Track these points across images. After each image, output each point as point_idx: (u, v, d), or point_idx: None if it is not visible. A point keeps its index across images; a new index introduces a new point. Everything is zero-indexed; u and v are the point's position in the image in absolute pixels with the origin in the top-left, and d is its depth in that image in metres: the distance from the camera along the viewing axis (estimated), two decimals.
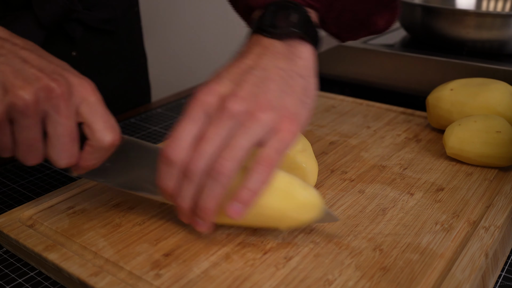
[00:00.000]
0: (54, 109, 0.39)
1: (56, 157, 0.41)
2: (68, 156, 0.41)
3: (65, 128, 0.40)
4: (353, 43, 0.82)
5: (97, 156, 0.42)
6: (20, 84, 0.38)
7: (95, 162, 0.43)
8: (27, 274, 0.45)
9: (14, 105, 0.38)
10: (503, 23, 0.72)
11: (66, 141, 0.40)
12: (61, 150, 0.40)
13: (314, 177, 0.50)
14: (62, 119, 0.39)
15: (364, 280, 0.39)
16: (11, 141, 0.40)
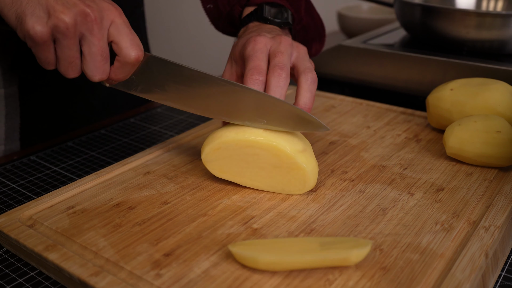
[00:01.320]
0: (89, 31, 0.46)
1: (91, 73, 0.48)
2: (101, 72, 0.48)
3: (98, 48, 0.47)
4: (354, 43, 0.82)
5: (125, 70, 0.50)
6: (61, 9, 0.44)
7: (123, 75, 0.50)
8: (27, 274, 0.45)
9: (56, 27, 0.44)
10: (503, 23, 0.72)
11: (99, 59, 0.47)
12: (95, 67, 0.47)
13: (315, 177, 0.50)
14: (95, 40, 0.46)
15: (365, 280, 0.39)
16: (54, 57, 0.47)
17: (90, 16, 0.45)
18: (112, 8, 0.47)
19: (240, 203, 0.49)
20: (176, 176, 0.54)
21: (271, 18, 0.61)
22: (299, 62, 0.54)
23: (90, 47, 0.47)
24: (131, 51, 0.48)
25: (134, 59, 0.49)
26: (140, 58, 0.49)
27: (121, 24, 0.48)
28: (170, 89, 0.52)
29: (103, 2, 0.47)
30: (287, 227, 0.45)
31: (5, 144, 0.69)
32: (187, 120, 0.77)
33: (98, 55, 0.47)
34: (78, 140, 0.71)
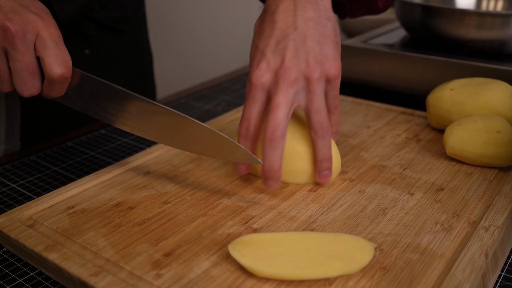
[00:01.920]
0: (11, 47, 0.43)
1: (19, 88, 0.46)
2: (29, 87, 0.46)
3: (22, 64, 0.44)
4: (354, 43, 0.82)
5: (54, 87, 0.47)
6: None
7: (55, 92, 0.48)
8: (27, 274, 0.45)
9: None
10: (503, 23, 0.71)
11: (25, 74, 0.45)
12: (22, 83, 0.45)
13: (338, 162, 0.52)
14: (19, 55, 0.44)
15: (365, 280, 0.39)
16: None
17: (10, 30, 0.43)
18: (38, 19, 0.44)
19: (240, 203, 0.49)
20: (176, 176, 0.54)
21: None
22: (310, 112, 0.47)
23: (15, 62, 0.44)
24: (54, 68, 0.45)
25: (58, 76, 0.46)
26: (65, 75, 0.46)
27: (47, 37, 0.45)
28: (105, 107, 0.50)
29: (29, 14, 0.44)
30: (287, 227, 0.45)
31: (6, 144, 0.69)
32: None
33: (24, 71, 0.45)
34: (78, 140, 0.71)
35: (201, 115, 0.78)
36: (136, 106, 0.49)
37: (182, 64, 1.97)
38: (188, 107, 0.82)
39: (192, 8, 1.85)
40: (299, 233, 0.42)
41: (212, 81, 0.96)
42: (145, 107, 0.48)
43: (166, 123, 0.48)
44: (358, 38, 0.87)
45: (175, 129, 0.47)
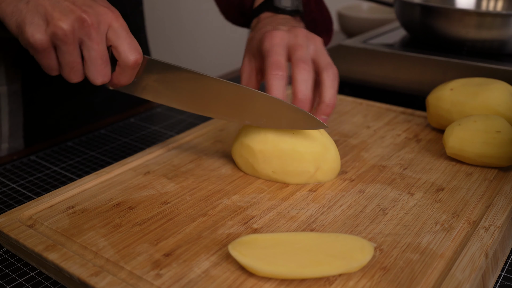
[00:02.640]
0: (87, 37, 0.46)
1: (92, 76, 0.48)
2: (102, 75, 0.49)
3: (97, 52, 0.47)
4: (353, 43, 0.82)
5: (126, 74, 0.50)
6: (58, 16, 0.45)
7: (126, 79, 0.50)
8: (27, 274, 0.45)
9: (55, 34, 0.45)
10: (503, 22, 0.71)
11: (99, 63, 0.48)
12: (96, 71, 0.48)
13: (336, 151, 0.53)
14: (94, 44, 0.47)
15: (365, 280, 0.39)
16: (56, 63, 0.48)
17: (87, 21, 0.46)
18: (109, 12, 0.48)
19: (240, 203, 0.49)
20: (176, 176, 0.54)
21: (282, 7, 0.63)
22: (319, 57, 0.55)
23: (90, 51, 0.47)
24: (129, 55, 0.48)
25: (133, 62, 0.49)
26: (139, 61, 0.49)
27: (119, 28, 0.48)
28: (171, 91, 0.53)
29: (100, 7, 0.47)
30: (287, 227, 0.45)
31: (9, 142, 0.69)
32: (187, 120, 0.77)
33: (98, 59, 0.48)
34: (78, 140, 0.71)
35: (200, 115, 0.78)
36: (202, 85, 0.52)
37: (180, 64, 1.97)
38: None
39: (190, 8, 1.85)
40: (299, 233, 0.42)
41: None
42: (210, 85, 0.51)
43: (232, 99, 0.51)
44: (358, 38, 0.87)
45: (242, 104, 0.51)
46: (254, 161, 0.52)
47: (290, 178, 0.52)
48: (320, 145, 0.51)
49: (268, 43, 0.54)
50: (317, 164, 0.51)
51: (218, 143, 0.62)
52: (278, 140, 0.51)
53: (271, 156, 0.51)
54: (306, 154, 0.51)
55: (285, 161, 0.51)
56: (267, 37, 0.54)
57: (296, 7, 0.64)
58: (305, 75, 0.52)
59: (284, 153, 0.51)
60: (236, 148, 0.54)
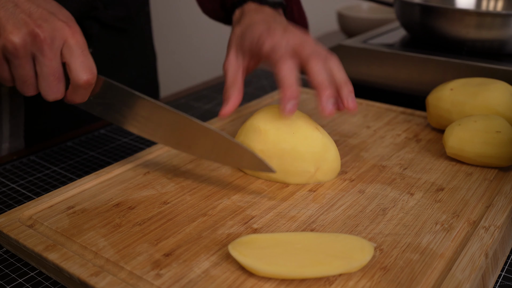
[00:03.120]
0: (39, 52, 0.45)
1: (44, 92, 0.47)
2: (54, 92, 0.47)
3: (49, 69, 0.46)
4: (353, 43, 0.82)
5: (78, 93, 0.48)
6: (10, 29, 0.43)
7: (79, 98, 0.49)
8: (27, 274, 0.45)
9: (5, 47, 0.44)
10: (503, 22, 0.71)
11: (51, 79, 0.46)
12: (48, 87, 0.47)
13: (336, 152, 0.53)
14: (46, 60, 0.45)
15: (365, 280, 0.39)
16: (9, 76, 0.47)
17: (39, 36, 0.44)
18: (65, 27, 0.46)
19: (240, 203, 0.49)
20: (176, 176, 0.54)
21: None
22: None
23: (42, 67, 0.46)
24: (80, 74, 0.47)
25: (84, 82, 0.47)
26: (90, 81, 0.48)
27: (74, 45, 0.46)
28: (126, 114, 0.52)
29: (57, 22, 0.46)
30: (287, 227, 0.45)
31: (10, 142, 0.69)
32: None
33: (50, 76, 0.46)
34: (78, 140, 0.71)
35: (201, 115, 0.78)
36: (158, 115, 0.51)
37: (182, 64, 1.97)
38: (188, 107, 0.83)
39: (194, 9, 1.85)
40: (299, 233, 0.42)
41: (212, 81, 0.96)
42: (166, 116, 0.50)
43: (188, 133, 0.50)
44: (358, 38, 0.87)
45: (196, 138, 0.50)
46: None
47: (290, 178, 0.52)
48: (321, 145, 0.51)
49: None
50: (317, 164, 0.51)
51: None
52: (279, 140, 0.51)
53: (271, 156, 0.51)
54: (306, 154, 0.51)
55: (285, 161, 0.51)
56: (268, 43, 0.53)
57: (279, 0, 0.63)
58: (321, 67, 0.51)
59: (285, 153, 0.51)
60: None
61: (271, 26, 0.55)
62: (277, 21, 0.58)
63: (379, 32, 0.91)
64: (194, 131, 0.50)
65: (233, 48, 0.57)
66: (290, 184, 0.52)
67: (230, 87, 0.56)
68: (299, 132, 0.51)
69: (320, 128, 0.53)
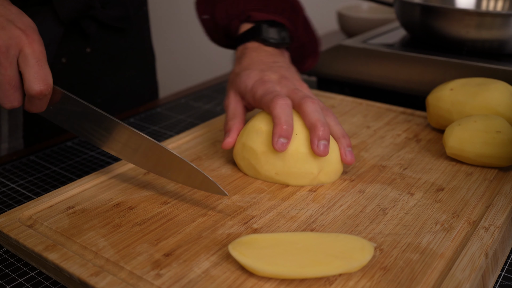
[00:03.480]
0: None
1: (1, 100, 0.47)
2: (10, 101, 0.47)
3: (4, 77, 0.45)
4: (353, 43, 0.82)
5: (33, 103, 0.48)
6: None
7: (36, 107, 0.49)
8: (27, 274, 0.45)
9: None
10: (503, 22, 0.71)
11: (7, 88, 0.46)
12: (4, 96, 0.46)
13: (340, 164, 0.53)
14: (1, 69, 0.45)
15: (365, 280, 0.39)
16: None
17: None
18: (22, 36, 0.46)
19: (240, 203, 0.49)
20: None
21: (269, 39, 0.62)
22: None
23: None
24: (33, 85, 0.46)
25: (36, 93, 0.47)
26: (43, 92, 0.47)
27: (29, 54, 0.46)
28: (84, 125, 0.51)
29: (14, 30, 0.46)
30: (287, 227, 0.45)
31: (9, 142, 0.69)
32: (187, 120, 0.77)
33: (6, 84, 0.46)
34: (78, 140, 0.71)
35: (200, 115, 0.78)
36: (118, 132, 0.50)
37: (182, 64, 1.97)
38: (188, 107, 0.83)
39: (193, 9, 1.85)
40: (299, 233, 0.42)
41: (212, 81, 0.96)
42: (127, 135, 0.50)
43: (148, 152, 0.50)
44: (358, 38, 0.87)
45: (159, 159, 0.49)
46: (256, 163, 0.52)
47: (293, 180, 0.52)
48: None
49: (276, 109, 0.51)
50: (320, 166, 0.51)
51: (218, 143, 0.62)
52: None
53: (274, 158, 0.51)
54: (309, 155, 0.51)
55: (288, 162, 0.51)
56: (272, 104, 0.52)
57: (282, 39, 0.63)
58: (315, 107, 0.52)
59: (287, 155, 0.51)
60: (238, 151, 0.54)
61: (265, 75, 0.56)
62: (275, 66, 0.59)
63: (379, 32, 0.91)
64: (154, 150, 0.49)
65: (232, 90, 0.58)
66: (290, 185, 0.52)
67: (231, 119, 0.56)
68: (302, 133, 0.51)
69: None
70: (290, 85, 0.55)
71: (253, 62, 0.59)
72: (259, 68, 0.58)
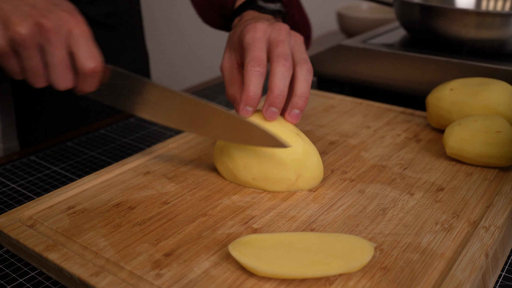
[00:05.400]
0: (46, 41, 0.46)
1: (55, 82, 0.48)
2: (64, 80, 0.48)
3: (57, 58, 0.46)
4: (353, 43, 0.82)
5: (86, 82, 0.49)
6: (16, 21, 0.44)
7: (88, 86, 0.50)
8: (27, 274, 0.45)
9: (13, 39, 0.45)
10: (503, 22, 0.71)
11: (60, 68, 0.47)
12: (57, 76, 0.47)
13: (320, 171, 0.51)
14: (54, 50, 0.46)
15: (365, 280, 0.39)
16: (19, 68, 0.47)
17: (45, 26, 0.45)
18: (69, 17, 0.47)
19: (240, 203, 0.49)
20: (176, 176, 0.54)
21: (265, 6, 0.63)
22: (295, 52, 0.54)
23: (50, 57, 0.46)
24: (86, 62, 0.47)
25: (89, 70, 0.48)
26: (96, 69, 0.48)
27: (79, 34, 0.47)
28: (136, 101, 0.52)
29: (61, 12, 0.47)
30: (287, 227, 0.45)
31: (4, 143, 0.69)
32: None
33: (59, 64, 0.47)
34: (78, 140, 0.71)
35: None
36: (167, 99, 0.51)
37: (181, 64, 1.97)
38: None
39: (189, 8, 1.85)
40: (299, 233, 0.42)
41: (211, 81, 0.96)
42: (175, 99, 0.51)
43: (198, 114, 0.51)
44: (357, 38, 0.87)
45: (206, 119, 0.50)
46: (234, 168, 0.51)
47: (270, 186, 0.51)
48: (302, 152, 0.50)
49: (250, 36, 0.53)
50: (298, 172, 0.50)
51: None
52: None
53: (251, 163, 0.50)
54: (287, 161, 0.49)
55: (265, 168, 0.50)
56: (249, 30, 0.53)
57: (279, 7, 0.65)
58: (283, 71, 0.51)
59: (265, 160, 0.50)
60: (217, 155, 0.53)
61: (258, 21, 0.56)
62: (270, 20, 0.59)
63: (379, 32, 0.91)
64: (205, 113, 0.50)
65: (227, 48, 0.59)
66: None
67: (229, 86, 0.56)
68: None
69: (301, 134, 0.52)
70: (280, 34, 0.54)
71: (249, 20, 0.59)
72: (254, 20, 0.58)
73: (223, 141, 0.52)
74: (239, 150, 0.51)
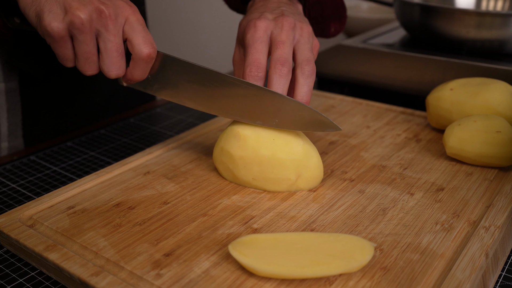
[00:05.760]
0: (104, 28, 0.47)
1: (107, 69, 0.49)
2: (117, 68, 0.49)
3: (113, 44, 0.48)
4: (353, 43, 0.82)
5: (140, 68, 0.50)
6: (76, 6, 0.46)
7: (139, 74, 0.51)
8: (27, 274, 0.45)
9: (72, 23, 0.46)
10: (503, 22, 0.72)
11: (115, 55, 0.48)
12: (111, 63, 0.48)
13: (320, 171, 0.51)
14: (111, 36, 0.47)
15: (365, 280, 0.39)
16: (72, 54, 0.48)
17: (104, 12, 0.46)
18: (126, 6, 0.49)
19: (240, 203, 0.49)
20: (176, 176, 0.54)
21: None
22: (298, 50, 0.53)
23: (106, 43, 0.48)
24: (143, 48, 0.49)
25: (146, 55, 0.49)
26: (152, 55, 0.49)
27: (135, 21, 0.49)
28: (184, 88, 0.53)
29: (118, 0, 0.48)
30: (287, 227, 0.45)
31: (9, 141, 0.69)
32: (187, 120, 0.77)
33: (114, 51, 0.48)
34: (78, 140, 0.71)
35: (200, 115, 0.78)
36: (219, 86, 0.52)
37: None
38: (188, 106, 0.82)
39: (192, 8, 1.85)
40: (299, 233, 0.42)
41: None
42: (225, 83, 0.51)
43: (246, 99, 0.51)
44: (357, 38, 0.87)
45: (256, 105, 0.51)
46: (234, 168, 0.51)
47: (270, 186, 0.51)
48: (302, 152, 0.50)
49: (250, 36, 0.53)
50: (298, 172, 0.50)
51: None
52: (259, 146, 0.50)
53: (251, 163, 0.50)
54: (286, 161, 0.49)
55: (265, 168, 0.50)
56: (250, 28, 0.53)
57: None
58: (281, 79, 0.51)
59: (264, 160, 0.50)
60: (217, 155, 0.53)
61: (262, 16, 0.54)
62: (277, 8, 0.57)
63: (379, 32, 0.91)
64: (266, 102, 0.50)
65: (237, 41, 0.59)
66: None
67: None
68: (279, 139, 0.50)
69: (302, 134, 0.52)
70: (282, 33, 0.53)
71: (257, 9, 0.58)
72: (259, 11, 0.57)
73: (222, 141, 0.52)
74: (240, 150, 0.51)
